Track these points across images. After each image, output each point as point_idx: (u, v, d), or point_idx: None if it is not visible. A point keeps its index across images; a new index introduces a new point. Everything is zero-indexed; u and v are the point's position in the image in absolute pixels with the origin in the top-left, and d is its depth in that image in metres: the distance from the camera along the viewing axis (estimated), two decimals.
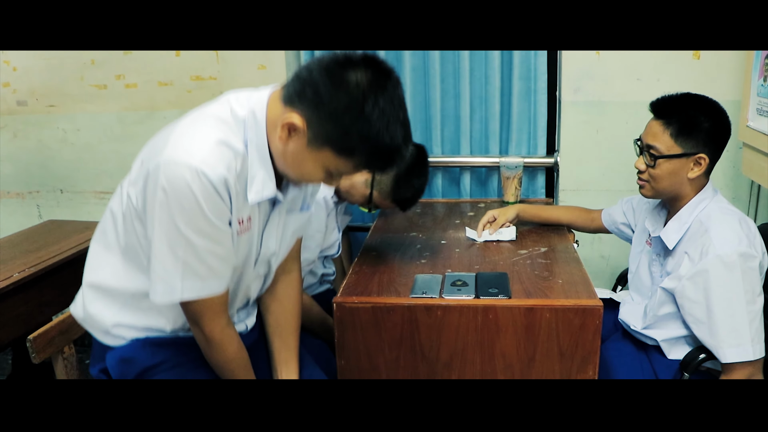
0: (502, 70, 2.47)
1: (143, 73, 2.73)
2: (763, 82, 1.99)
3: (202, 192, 1.13)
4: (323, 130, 1.12)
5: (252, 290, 1.45)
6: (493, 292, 1.56)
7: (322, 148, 1.15)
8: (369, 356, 1.60)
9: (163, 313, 1.35)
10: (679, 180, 1.62)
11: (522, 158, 2.40)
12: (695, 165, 1.60)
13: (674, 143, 1.59)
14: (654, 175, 1.62)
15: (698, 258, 1.56)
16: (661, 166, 1.61)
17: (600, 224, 2.04)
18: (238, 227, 1.25)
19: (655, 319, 1.68)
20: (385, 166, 1.20)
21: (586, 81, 2.40)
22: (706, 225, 1.58)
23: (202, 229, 1.17)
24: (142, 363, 1.36)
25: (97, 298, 1.36)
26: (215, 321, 1.29)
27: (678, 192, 1.65)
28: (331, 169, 1.19)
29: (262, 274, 1.45)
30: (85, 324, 1.40)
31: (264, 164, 1.22)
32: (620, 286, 2.17)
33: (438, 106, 2.51)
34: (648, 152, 1.62)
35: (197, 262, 1.20)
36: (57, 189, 2.99)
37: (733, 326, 1.51)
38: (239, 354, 1.36)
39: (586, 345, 1.52)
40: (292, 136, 1.16)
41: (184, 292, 1.22)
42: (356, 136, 1.11)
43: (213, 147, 1.15)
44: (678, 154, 1.59)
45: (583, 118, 2.44)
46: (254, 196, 1.23)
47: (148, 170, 1.16)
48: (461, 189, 2.61)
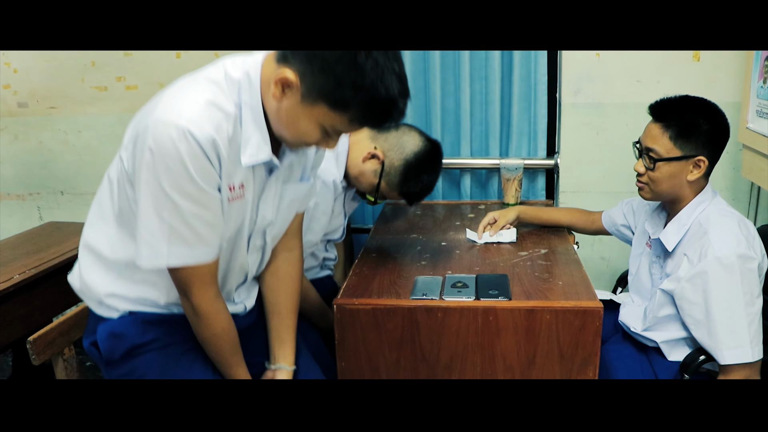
0: (503, 72, 2.47)
1: (144, 74, 2.74)
2: (762, 84, 2.00)
3: (188, 153, 1.10)
4: (317, 83, 1.11)
5: (250, 265, 1.42)
6: (493, 294, 1.56)
7: (317, 103, 1.13)
8: (369, 358, 1.60)
9: (156, 285, 1.32)
10: (679, 182, 1.62)
11: (522, 160, 2.40)
12: (694, 167, 1.61)
13: (674, 146, 1.59)
14: (653, 178, 1.63)
15: (697, 260, 1.56)
16: (661, 168, 1.61)
17: (600, 226, 2.05)
18: (229, 194, 1.22)
19: (655, 321, 1.68)
20: (381, 120, 1.18)
21: (586, 83, 2.40)
22: (705, 227, 1.59)
23: (188, 192, 1.14)
24: (131, 340, 1.34)
25: (92, 264, 1.34)
26: (203, 291, 1.27)
27: (677, 194, 1.65)
28: (327, 126, 1.17)
29: (258, 247, 1.41)
30: (81, 295, 1.38)
31: (258, 126, 1.20)
32: (620, 288, 2.17)
33: (438, 108, 2.51)
34: (647, 155, 1.63)
35: (184, 227, 1.17)
36: (58, 191, 2.99)
37: (731, 328, 1.51)
38: (227, 329, 1.34)
39: (587, 346, 1.52)
40: (285, 93, 1.14)
41: (170, 258, 1.19)
42: (349, 86, 1.09)
43: (202, 107, 1.13)
44: (677, 157, 1.59)
45: (583, 120, 2.45)
46: (248, 159, 1.20)
47: (137, 131, 1.15)
48: (461, 191, 2.61)
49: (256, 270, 1.48)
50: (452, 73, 2.50)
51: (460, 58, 2.45)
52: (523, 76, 2.46)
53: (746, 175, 2.21)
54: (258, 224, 1.36)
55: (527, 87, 2.47)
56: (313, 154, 1.45)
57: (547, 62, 2.43)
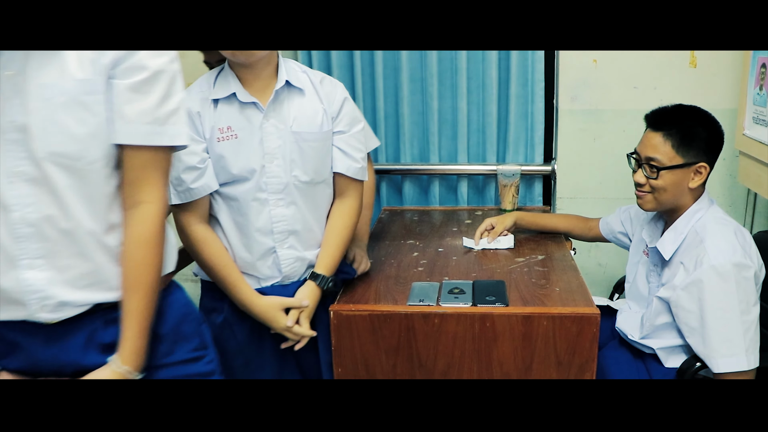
0: (500, 78, 2.47)
1: None
2: (759, 91, 2.00)
3: None
4: None
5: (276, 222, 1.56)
6: (490, 300, 1.56)
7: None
8: (366, 364, 1.60)
9: None
10: (681, 190, 1.63)
11: (519, 166, 2.41)
12: (695, 174, 1.62)
13: (676, 154, 1.60)
14: (657, 187, 1.63)
15: (693, 268, 1.56)
16: (664, 177, 1.62)
17: (597, 233, 2.05)
18: (219, 134, 1.49)
19: (652, 328, 1.68)
20: None
21: (583, 89, 2.41)
22: (701, 235, 1.59)
23: None
24: None
25: None
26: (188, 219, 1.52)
27: (678, 202, 1.66)
28: None
29: (285, 202, 1.56)
30: None
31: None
32: (617, 294, 2.17)
33: (435, 114, 2.51)
34: (648, 164, 1.63)
35: None
36: None
37: (726, 336, 1.51)
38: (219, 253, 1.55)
39: (584, 353, 1.52)
40: None
41: None
42: None
43: None
44: (680, 165, 1.60)
45: (580, 126, 2.45)
46: (218, 94, 1.49)
47: None
48: (458, 197, 2.61)
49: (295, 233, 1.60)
50: (449, 79, 2.50)
51: (457, 64, 2.46)
52: (520, 83, 2.46)
53: (743, 181, 2.21)
54: (268, 172, 1.53)
55: (524, 93, 2.48)
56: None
57: (544, 68, 2.44)
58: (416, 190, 2.65)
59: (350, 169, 1.63)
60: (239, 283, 1.56)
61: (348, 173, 1.63)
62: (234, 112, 1.50)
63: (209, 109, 1.50)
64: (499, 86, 2.48)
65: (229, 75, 1.51)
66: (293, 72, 1.56)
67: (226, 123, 1.50)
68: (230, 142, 1.50)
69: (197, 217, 1.53)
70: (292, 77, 1.54)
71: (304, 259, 1.62)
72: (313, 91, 1.57)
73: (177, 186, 1.48)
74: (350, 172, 1.63)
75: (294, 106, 1.54)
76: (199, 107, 1.49)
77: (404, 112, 2.51)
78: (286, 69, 1.54)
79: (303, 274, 1.63)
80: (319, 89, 1.58)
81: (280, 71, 1.53)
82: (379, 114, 2.53)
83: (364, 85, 2.51)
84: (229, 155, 1.50)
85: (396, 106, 2.55)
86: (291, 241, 1.59)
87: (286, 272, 1.60)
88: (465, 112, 2.49)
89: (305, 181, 1.56)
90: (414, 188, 2.64)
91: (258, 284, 1.60)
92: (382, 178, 2.65)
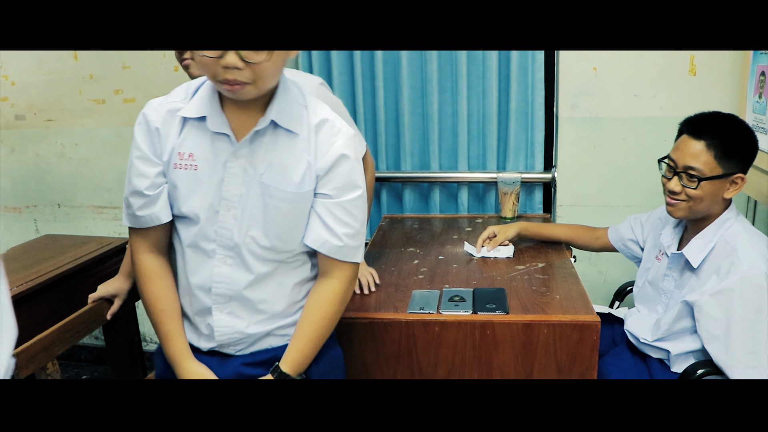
0: (500, 86, 2.48)
1: (141, 87, 2.74)
2: (758, 99, 2.01)
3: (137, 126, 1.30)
4: None
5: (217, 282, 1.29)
6: (490, 308, 1.56)
7: None
8: (366, 372, 1.59)
9: None
10: (715, 200, 1.61)
11: (519, 174, 2.41)
12: (731, 185, 1.59)
13: (717, 164, 1.57)
14: (694, 196, 1.59)
15: (724, 276, 1.54)
16: (703, 187, 1.58)
17: (606, 242, 2.01)
18: (178, 160, 1.26)
19: (670, 332, 1.66)
20: None
21: (583, 97, 2.41)
22: (732, 244, 1.57)
23: None
24: None
25: None
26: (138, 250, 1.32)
27: (710, 211, 1.63)
28: None
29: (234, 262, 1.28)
30: None
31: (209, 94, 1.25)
32: (618, 302, 2.16)
33: (436, 122, 2.52)
34: (686, 173, 1.59)
35: None
36: (54, 203, 2.99)
37: (752, 348, 1.49)
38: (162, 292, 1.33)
39: (584, 360, 1.52)
40: None
41: None
42: None
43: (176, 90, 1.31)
44: (719, 175, 1.57)
45: (580, 134, 2.46)
46: (188, 111, 1.25)
47: None
48: (459, 204, 2.61)
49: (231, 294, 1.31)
50: (450, 87, 2.51)
51: (457, 71, 2.47)
52: (521, 90, 2.47)
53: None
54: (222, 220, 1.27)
55: (524, 101, 2.48)
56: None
57: (544, 76, 2.45)
58: (416, 197, 2.66)
59: (324, 245, 1.28)
60: (171, 336, 1.32)
61: (321, 250, 1.29)
62: (202, 138, 1.25)
63: (174, 127, 1.25)
64: (499, 94, 2.49)
65: (213, 91, 1.24)
66: (290, 106, 1.25)
67: (189, 149, 1.25)
68: (187, 172, 1.25)
69: (147, 246, 1.31)
70: (283, 115, 1.23)
71: (246, 334, 1.31)
72: (306, 137, 1.26)
73: (126, 207, 1.30)
74: (324, 248, 1.29)
75: (275, 151, 1.24)
76: (161, 123, 1.25)
77: (404, 120, 2.52)
78: (280, 104, 1.23)
79: (247, 349, 1.34)
80: (312, 135, 1.26)
81: (270, 107, 1.23)
82: (380, 121, 2.54)
83: (364, 93, 2.52)
84: (183, 188, 1.26)
85: (396, 114, 2.56)
86: (232, 307, 1.30)
87: (220, 341, 1.32)
88: (465, 119, 2.50)
89: (265, 247, 1.27)
90: (414, 196, 2.65)
91: (198, 342, 1.35)
92: (383, 186, 2.65)
